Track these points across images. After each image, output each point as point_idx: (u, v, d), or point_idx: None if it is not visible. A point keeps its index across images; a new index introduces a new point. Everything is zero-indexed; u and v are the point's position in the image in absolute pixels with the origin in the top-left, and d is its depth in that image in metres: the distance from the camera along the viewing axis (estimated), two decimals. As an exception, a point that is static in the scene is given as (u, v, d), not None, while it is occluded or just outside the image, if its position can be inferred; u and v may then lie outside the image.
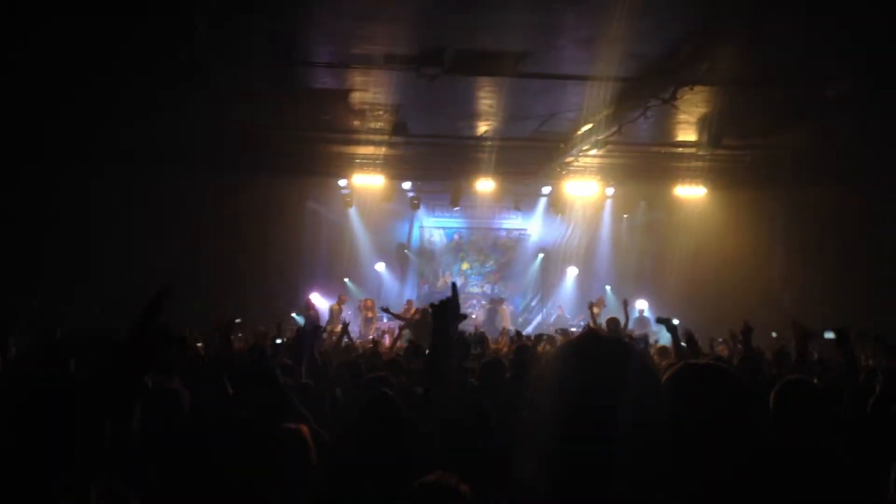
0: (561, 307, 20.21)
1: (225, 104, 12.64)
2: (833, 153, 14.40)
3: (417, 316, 14.86)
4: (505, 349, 11.17)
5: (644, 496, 1.68)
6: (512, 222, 21.04)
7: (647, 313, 18.57)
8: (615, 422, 1.63)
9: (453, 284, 3.83)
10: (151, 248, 15.49)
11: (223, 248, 16.55)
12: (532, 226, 20.95)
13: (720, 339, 11.98)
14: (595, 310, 13.36)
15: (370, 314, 18.27)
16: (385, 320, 18.36)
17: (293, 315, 16.78)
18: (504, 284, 21.46)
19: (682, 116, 12.83)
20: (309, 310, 17.47)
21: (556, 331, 14.32)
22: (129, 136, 14.05)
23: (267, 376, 4.60)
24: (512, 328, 16.20)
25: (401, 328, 13.89)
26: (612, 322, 13.04)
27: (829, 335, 4.70)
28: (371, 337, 15.22)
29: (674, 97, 10.96)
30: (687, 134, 14.50)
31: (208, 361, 6.12)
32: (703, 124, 13.48)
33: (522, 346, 8.93)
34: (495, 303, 20.46)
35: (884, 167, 13.86)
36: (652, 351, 10.23)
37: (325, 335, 12.62)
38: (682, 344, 6.93)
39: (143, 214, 16.00)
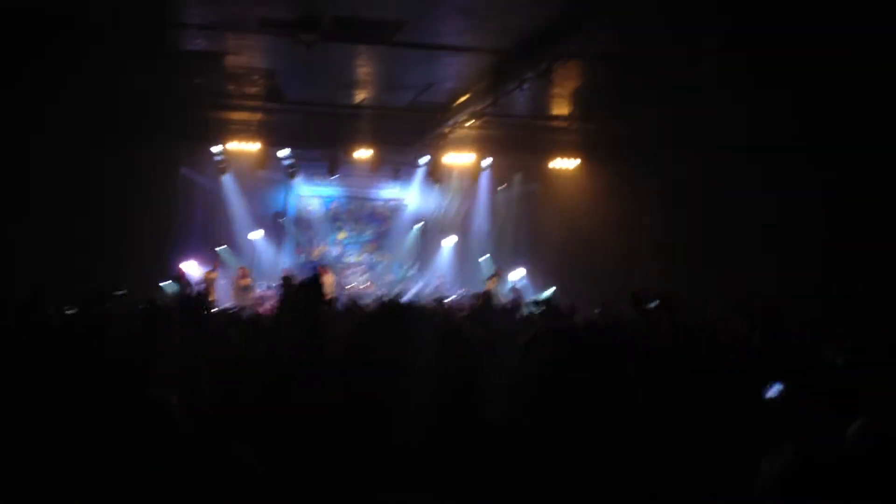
0: (441, 277, 20.42)
1: (95, 66, 12.18)
2: (700, 126, 14.89)
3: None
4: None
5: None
6: (390, 192, 21.03)
7: (524, 282, 18.96)
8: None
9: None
10: (15, 215, 14.83)
11: (92, 216, 15.97)
12: (410, 195, 20.98)
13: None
14: (491, 284, 13.61)
15: (245, 282, 18.01)
16: (265, 288, 18.16)
17: (162, 284, 16.37)
18: (381, 254, 21.48)
19: (557, 90, 13.10)
20: (181, 278, 17.08)
21: (433, 300, 14.48)
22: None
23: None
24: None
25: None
26: (485, 294, 13.33)
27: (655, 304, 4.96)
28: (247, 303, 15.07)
29: (548, 71, 11.15)
30: (561, 107, 14.80)
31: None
32: (576, 98, 13.79)
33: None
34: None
35: (749, 139, 14.42)
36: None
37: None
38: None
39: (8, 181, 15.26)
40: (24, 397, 4.03)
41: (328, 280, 18.71)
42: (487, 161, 19.32)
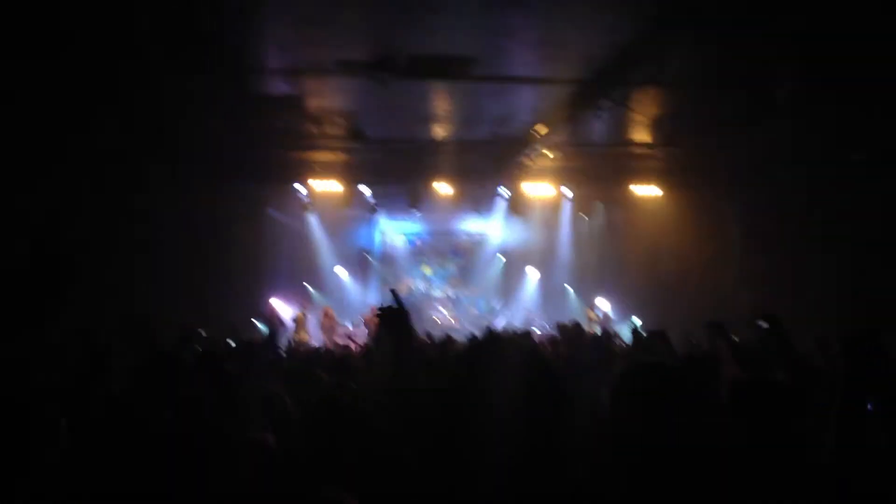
0: (528, 309, 20.34)
1: (182, 112, 12.56)
2: (784, 152, 14.58)
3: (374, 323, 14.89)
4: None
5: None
6: (472, 225, 21.08)
7: (609, 312, 18.76)
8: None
9: (392, 291, 3.81)
10: (109, 256, 15.29)
11: (181, 257, 16.39)
12: (492, 228, 20.99)
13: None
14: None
15: (329, 322, 18.23)
16: (349, 325, 18.37)
17: (253, 320, 16.70)
18: (466, 288, 21.51)
19: (636, 117, 12.97)
20: (271, 317, 17.38)
21: (520, 333, 14.39)
22: (83, 142, 13.87)
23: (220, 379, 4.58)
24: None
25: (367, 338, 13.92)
26: (575, 324, 13.18)
27: (763, 324, 4.77)
28: (337, 341, 15.23)
29: (625, 98, 11.08)
30: (640, 134, 14.64)
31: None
32: (657, 124, 13.64)
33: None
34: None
35: (839, 164, 14.05)
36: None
37: (292, 343, 12.61)
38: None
39: (103, 221, 15.76)
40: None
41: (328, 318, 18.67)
42: (568, 191, 19.21)
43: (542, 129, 13.66)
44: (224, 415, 4.38)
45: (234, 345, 9.04)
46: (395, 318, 3.60)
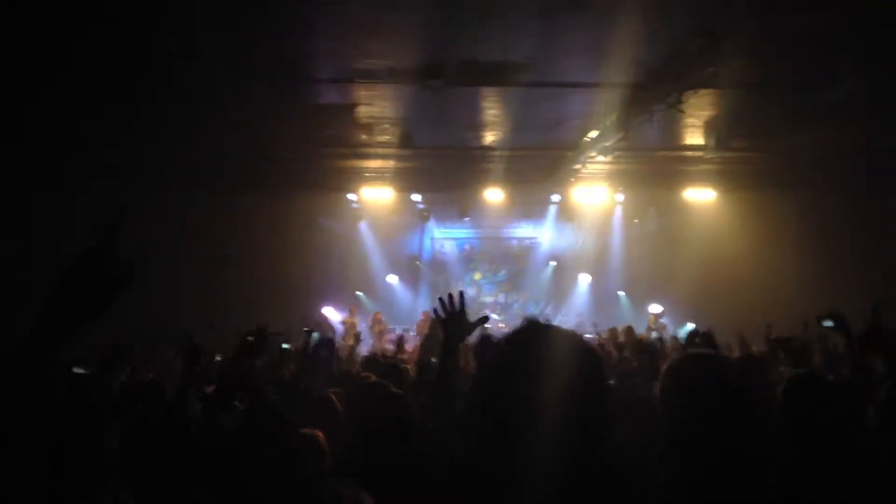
0: (580, 315, 20.17)
1: (231, 122, 12.69)
2: (841, 154, 14.32)
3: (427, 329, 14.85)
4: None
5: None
6: (522, 231, 21.01)
7: (663, 318, 18.52)
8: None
9: (461, 293, 3.80)
10: (163, 267, 15.51)
11: (234, 266, 16.59)
12: (543, 234, 20.89)
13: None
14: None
15: (380, 327, 18.24)
16: (398, 330, 18.37)
17: (306, 330, 16.77)
18: (517, 293, 21.42)
19: (689, 120, 12.81)
20: (323, 324, 17.49)
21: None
22: (133, 154, 14.10)
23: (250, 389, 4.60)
24: None
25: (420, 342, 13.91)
26: (629, 329, 13.09)
27: (828, 323, 4.67)
28: (386, 347, 15.23)
29: (679, 101, 10.92)
30: (694, 137, 14.44)
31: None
32: (710, 127, 13.45)
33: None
34: None
35: (891, 168, 13.78)
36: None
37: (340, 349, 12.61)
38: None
39: (155, 233, 16.01)
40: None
41: (378, 324, 18.58)
42: (620, 196, 19.05)
43: (593, 134, 13.54)
44: (283, 415, 4.42)
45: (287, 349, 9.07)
46: (454, 318, 3.60)
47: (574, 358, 1.80)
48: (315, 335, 15.95)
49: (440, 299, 3.71)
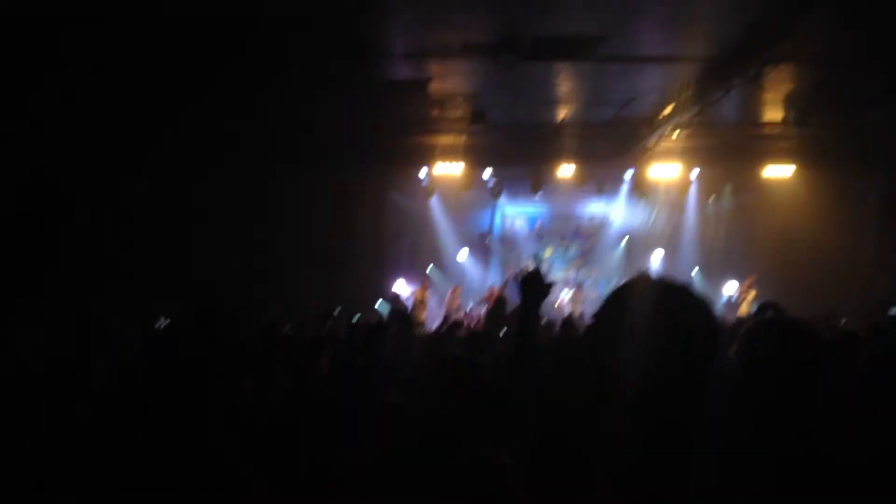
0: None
1: (304, 98, 12.81)
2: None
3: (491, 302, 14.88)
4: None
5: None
6: (594, 207, 20.79)
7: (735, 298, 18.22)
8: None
9: (538, 260, 3.78)
10: (240, 244, 15.80)
11: (305, 241, 16.80)
12: (615, 211, 20.66)
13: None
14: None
15: (457, 301, 18.26)
16: (470, 306, 18.42)
17: (377, 305, 16.97)
18: (588, 270, 21.26)
19: (768, 95, 12.51)
20: (394, 299, 17.63)
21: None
22: (211, 134, 14.33)
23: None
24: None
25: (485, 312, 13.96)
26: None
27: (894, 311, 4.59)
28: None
29: (758, 76, 10.69)
30: (773, 113, 14.12)
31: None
32: (790, 102, 13.13)
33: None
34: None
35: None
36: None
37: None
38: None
39: (231, 211, 16.30)
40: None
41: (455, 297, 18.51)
42: (695, 172, 18.73)
43: (668, 109, 13.35)
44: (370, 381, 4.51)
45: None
46: (533, 285, 3.59)
47: (689, 312, 1.76)
48: (386, 309, 16.18)
49: (522, 270, 3.71)
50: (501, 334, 8.40)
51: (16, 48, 9.61)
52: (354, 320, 10.96)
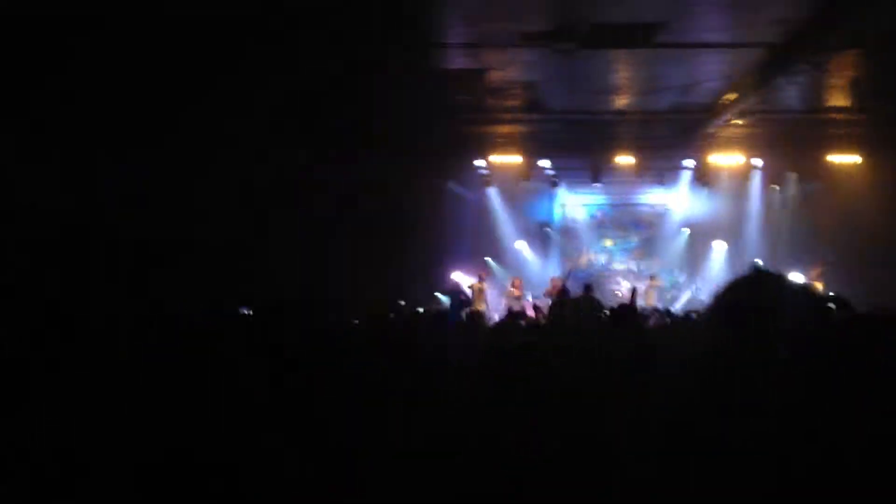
0: (715, 284, 19.59)
1: (364, 87, 12.83)
2: None
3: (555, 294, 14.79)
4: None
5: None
6: (654, 197, 20.54)
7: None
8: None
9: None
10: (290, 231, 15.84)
11: (364, 232, 16.85)
12: (676, 200, 20.38)
13: None
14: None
15: (517, 292, 18.20)
16: (530, 299, 18.34)
17: (437, 294, 17.01)
18: (648, 261, 21.03)
19: (833, 80, 12.24)
20: (453, 290, 17.65)
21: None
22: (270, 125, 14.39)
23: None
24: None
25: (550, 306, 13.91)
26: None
27: None
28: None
29: (824, 61, 10.46)
30: (838, 99, 13.81)
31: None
32: (856, 88, 12.82)
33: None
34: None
35: None
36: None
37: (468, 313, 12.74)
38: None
39: (290, 203, 16.34)
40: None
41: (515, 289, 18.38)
42: (758, 161, 18.40)
43: (730, 97, 13.12)
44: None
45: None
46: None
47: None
48: (446, 299, 16.22)
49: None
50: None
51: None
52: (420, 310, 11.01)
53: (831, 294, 9.63)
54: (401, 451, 3.37)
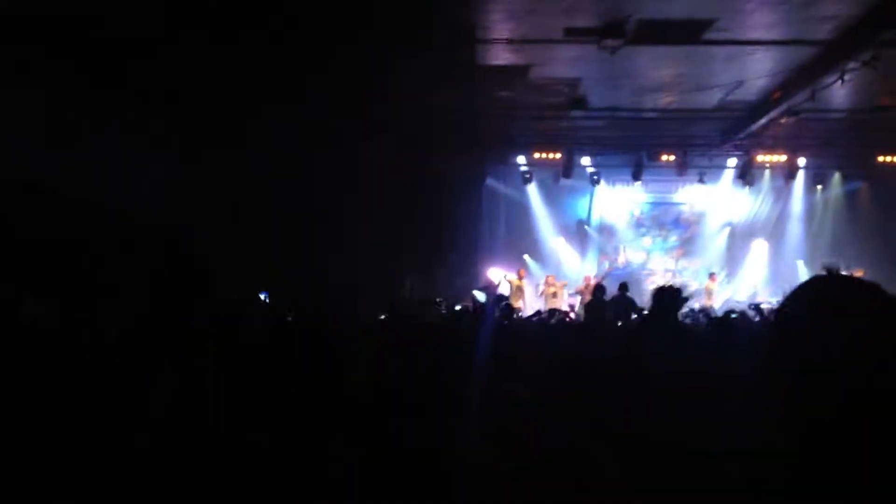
0: (754, 284, 19.39)
1: (406, 82, 12.80)
2: None
3: (587, 293, 14.73)
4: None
5: None
6: (696, 195, 20.32)
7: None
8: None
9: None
10: (325, 226, 15.83)
11: (402, 227, 16.83)
12: (717, 199, 20.17)
13: None
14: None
15: (552, 290, 18.15)
16: (567, 296, 18.27)
17: (475, 292, 16.95)
18: (688, 260, 20.84)
19: (883, 80, 12.02)
20: (490, 287, 17.60)
21: (750, 307, 13.76)
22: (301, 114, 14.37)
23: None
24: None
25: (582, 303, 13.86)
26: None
27: None
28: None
29: (875, 59, 10.27)
30: (888, 98, 13.58)
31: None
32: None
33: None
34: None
35: None
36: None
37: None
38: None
39: (329, 193, 16.32)
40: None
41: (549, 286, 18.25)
42: (802, 160, 18.17)
43: (778, 95, 12.95)
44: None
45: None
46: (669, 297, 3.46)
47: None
48: (483, 295, 16.19)
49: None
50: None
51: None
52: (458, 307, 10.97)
53: None
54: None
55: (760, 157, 17.55)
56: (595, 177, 19.17)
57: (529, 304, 17.42)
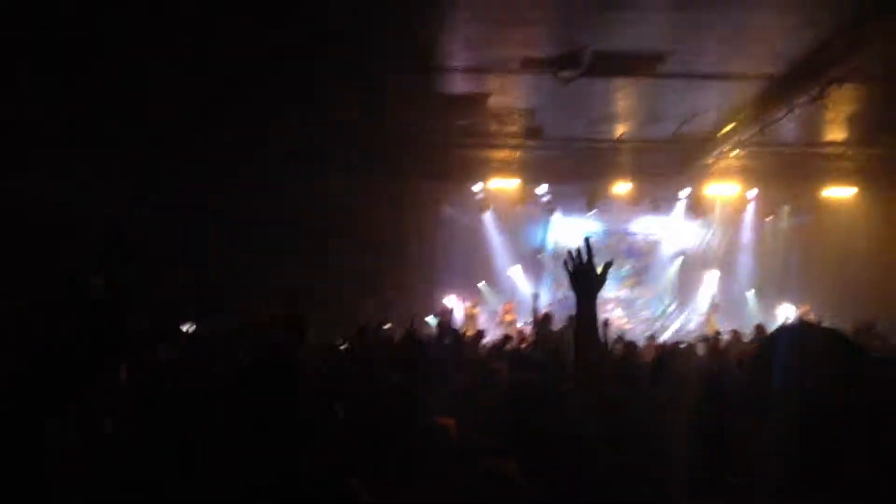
0: (704, 314, 19.62)
1: (362, 109, 12.85)
2: None
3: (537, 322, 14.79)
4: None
5: None
6: (649, 226, 20.57)
7: (791, 320, 17.89)
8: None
9: (587, 240, 3.29)
10: (284, 250, 15.78)
11: (356, 254, 16.80)
12: (670, 229, 20.43)
13: None
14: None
15: (510, 317, 18.21)
16: (523, 324, 18.33)
17: (427, 319, 16.94)
18: (640, 289, 21.03)
19: (830, 115, 12.32)
20: (445, 314, 17.58)
21: (697, 338, 13.95)
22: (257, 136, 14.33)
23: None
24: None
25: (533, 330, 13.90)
26: (758, 328, 12.74)
27: None
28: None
29: (822, 95, 10.54)
30: (835, 133, 13.92)
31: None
32: (853, 122, 12.93)
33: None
34: None
35: None
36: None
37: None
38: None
39: (275, 216, 16.23)
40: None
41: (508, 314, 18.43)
42: (753, 192, 18.50)
43: (728, 128, 13.21)
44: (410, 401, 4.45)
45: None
46: (582, 271, 3.21)
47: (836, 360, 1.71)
48: (435, 322, 16.14)
49: (568, 252, 3.25)
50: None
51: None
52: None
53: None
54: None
55: (711, 189, 17.80)
56: (550, 205, 19.31)
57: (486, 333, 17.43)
